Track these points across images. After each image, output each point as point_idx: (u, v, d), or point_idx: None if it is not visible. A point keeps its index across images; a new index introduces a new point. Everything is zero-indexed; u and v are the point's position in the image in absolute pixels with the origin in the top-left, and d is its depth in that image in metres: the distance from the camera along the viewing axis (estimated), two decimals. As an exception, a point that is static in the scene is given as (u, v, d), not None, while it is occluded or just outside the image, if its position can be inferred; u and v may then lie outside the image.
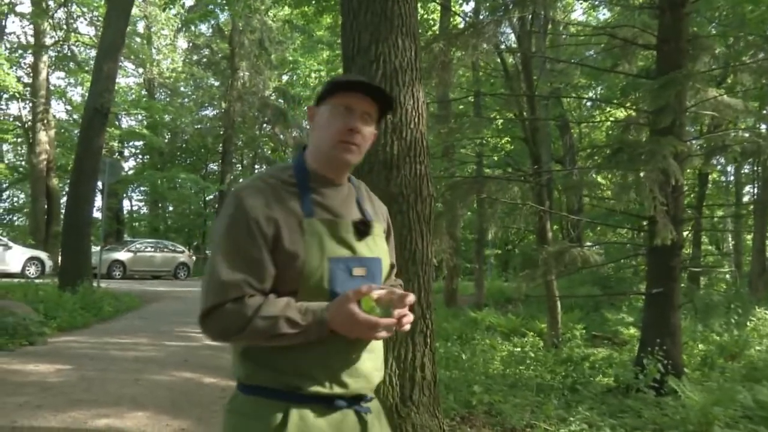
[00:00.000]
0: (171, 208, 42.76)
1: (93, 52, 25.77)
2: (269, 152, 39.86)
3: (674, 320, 7.64)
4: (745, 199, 27.77)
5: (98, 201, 18.52)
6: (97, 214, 21.47)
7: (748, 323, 12.72)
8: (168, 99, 39.09)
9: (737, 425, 6.21)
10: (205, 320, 1.74)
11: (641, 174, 6.93)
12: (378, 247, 1.95)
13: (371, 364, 1.88)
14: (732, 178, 28.95)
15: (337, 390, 1.78)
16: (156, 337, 10.48)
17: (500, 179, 9.37)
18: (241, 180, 41.16)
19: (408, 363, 4.43)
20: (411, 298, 1.75)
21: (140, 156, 42.49)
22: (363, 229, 1.88)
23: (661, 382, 7.11)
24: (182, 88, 40.23)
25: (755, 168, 23.41)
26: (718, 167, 26.25)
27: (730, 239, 30.63)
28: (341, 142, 1.84)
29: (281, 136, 36.63)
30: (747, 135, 8.74)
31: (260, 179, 1.85)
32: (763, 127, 15.57)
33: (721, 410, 6.30)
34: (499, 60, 13.01)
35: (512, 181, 9.09)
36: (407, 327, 1.78)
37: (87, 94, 18.98)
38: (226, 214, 1.78)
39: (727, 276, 22.56)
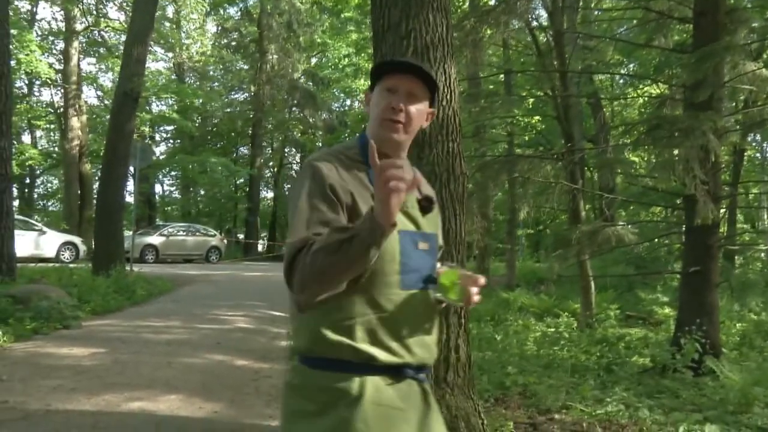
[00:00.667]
0: (202, 192, 43.06)
1: (123, 37, 25.89)
2: (299, 135, 39.88)
3: (712, 300, 7.49)
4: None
5: (130, 185, 18.68)
6: (129, 199, 21.69)
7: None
8: (198, 83, 39.21)
9: (777, 405, 6.09)
10: (289, 280, 1.72)
11: (679, 151, 6.76)
12: (435, 225, 2.05)
13: (434, 337, 2.00)
14: (768, 154, 28.42)
15: (408, 358, 1.85)
16: (188, 320, 10.57)
17: (532, 158, 9.24)
18: (271, 164, 41.33)
19: (442, 344, 4.37)
20: (483, 280, 1.87)
21: (171, 140, 42.78)
22: (426, 205, 1.87)
23: (699, 362, 6.99)
24: (211, 72, 40.27)
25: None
26: (754, 144, 25.77)
27: (765, 217, 30.04)
28: (385, 120, 1.90)
29: (311, 119, 36.57)
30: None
31: (330, 154, 1.90)
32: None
33: (761, 390, 6.17)
34: (530, 38, 12.78)
35: (544, 160, 8.96)
36: (475, 302, 1.90)
37: (117, 79, 19.10)
38: (302, 183, 1.82)
39: (763, 255, 22.12)
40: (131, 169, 17.14)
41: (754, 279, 15.15)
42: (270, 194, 43.62)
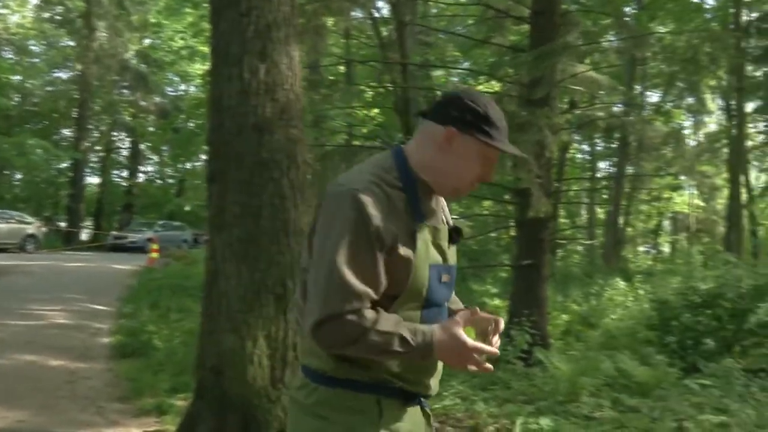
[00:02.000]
0: (19, 176, 39.81)
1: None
2: (129, 119, 37.86)
3: (542, 292, 7.74)
4: (599, 174, 29.11)
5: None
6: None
7: (603, 293, 13.27)
8: (16, 58, 36.19)
9: (601, 393, 6.36)
10: (322, 327, 1.69)
11: (516, 146, 6.87)
12: (455, 254, 1.96)
13: (442, 366, 1.93)
14: (587, 156, 30.40)
15: (422, 390, 1.87)
16: (-3, 316, 9.58)
17: (373, 148, 9.16)
18: (98, 148, 38.97)
19: (279, 342, 4.12)
20: (502, 323, 1.85)
21: (-17, 118, 39.24)
22: (456, 237, 1.89)
23: (529, 353, 7.18)
24: (32, 47, 37.34)
25: (611, 144, 24.54)
26: (575, 143, 27.43)
27: (584, 213, 32.08)
28: (468, 185, 1.85)
29: (142, 102, 34.83)
30: (616, 110, 8.96)
31: (372, 182, 1.74)
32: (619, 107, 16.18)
33: (588, 380, 6.42)
34: (372, 29, 12.75)
35: (384, 151, 8.89)
36: (495, 352, 1.79)
37: None
38: (346, 216, 1.69)
39: (579, 248, 23.61)
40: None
41: (575, 271, 16.08)
42: (96, 180, 41.16)
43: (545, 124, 6.22)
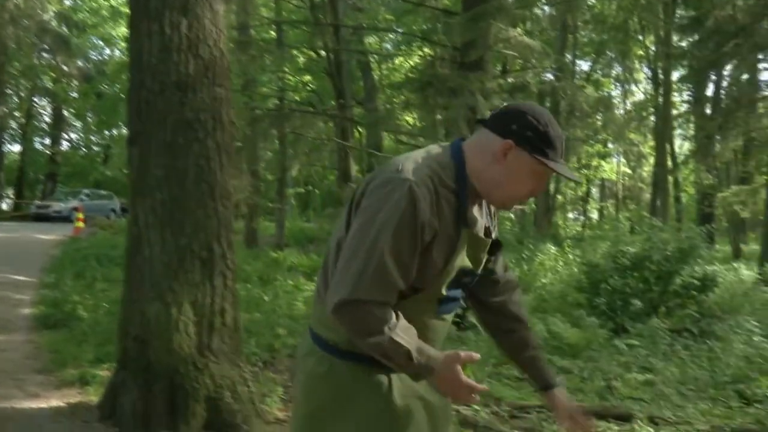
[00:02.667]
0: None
1: None
2: (50, 84, 36.37)
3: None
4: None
5: None
6: None
7: (535, 258, 13.47)
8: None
9: (533, 356, 6.41)
10: (346, 307, 1.69)
11: (448, 110, 6.83)
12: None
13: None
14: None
15: None
16: None
17: (304, 113, 8.98)
18: (17, 114, 37.40)
19: (206, 309, 3.98)
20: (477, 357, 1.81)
21: None
22: (496, 251, 1.93)
23: (462, 317, 7.17)
24: (-58, 8, 35.38)
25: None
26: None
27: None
28: (518, 200, 1.86)
29: (64, 67, 33.45)
30: (549, 77, 8.98)
31: (428, 175, 1.73)
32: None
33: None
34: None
35: (317, 116, 8.73)
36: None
37: None
38: (398, 205, 1.67)
39: (512, 214, 23.92)
40: None
41: (507, 237, 16.25)
42: (16, 148, 39.56)
43: (477, 89, 6.16)
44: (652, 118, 24.42)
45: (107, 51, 39.38)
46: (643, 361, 6.05)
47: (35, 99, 38.33)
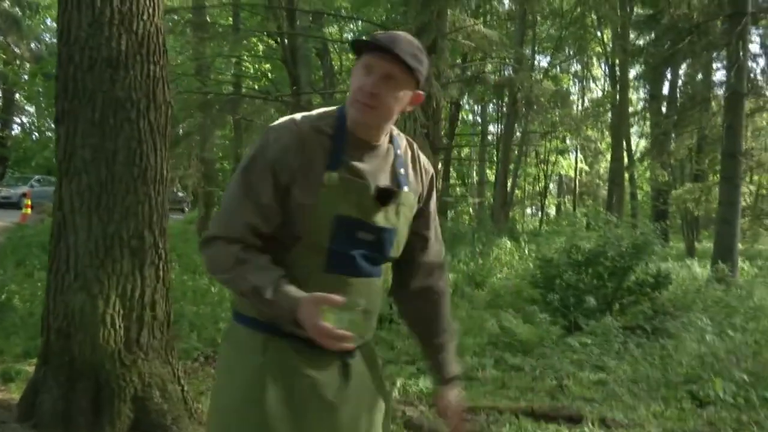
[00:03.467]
0: None
1: None
2: (1, 66, 35.30)
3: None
4: (489, 137, 29.45)
5: None
6: None
7: (491, 253, 13.39)
8: None
9: (485, 353, 6.31)
10: (204, 246, 1.76)
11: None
12: (400, 218, 1.85)
13: (363, 320, 1.77)
14: (479, 118, 30.72)
15: None
16: None
17: (256, 97, 8.70)
18: None
19: (135, 301, 3.71)
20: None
21: None
22: (384, 197, 1.78)
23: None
24: None
25: (502, 107, 24.79)
26: (466, 106, 27.61)
27: (474, 174, 32.49)
28: (355, 101, 1.75)
29: (16, 49, 32.48)
30: (509, 71, 8.84)
31: (294, 122, 1.78)
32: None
33: (471, 341, 6.35)
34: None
35: (269, 102, 8.46)
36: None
37: None
38: (253, 149, 1.77)
39: (470, 208, 23.89)
40: None
41: (464, 231, 16.16)
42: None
43: (432, 73, 5.96)
44: (609, 114, 24.58)
45: (60, 33, 38.35)
46: (596, 359, 5.96)
47: (-16, 80, 37.24)
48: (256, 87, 23.09)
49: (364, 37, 1.79)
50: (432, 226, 1.99)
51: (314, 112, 1.86)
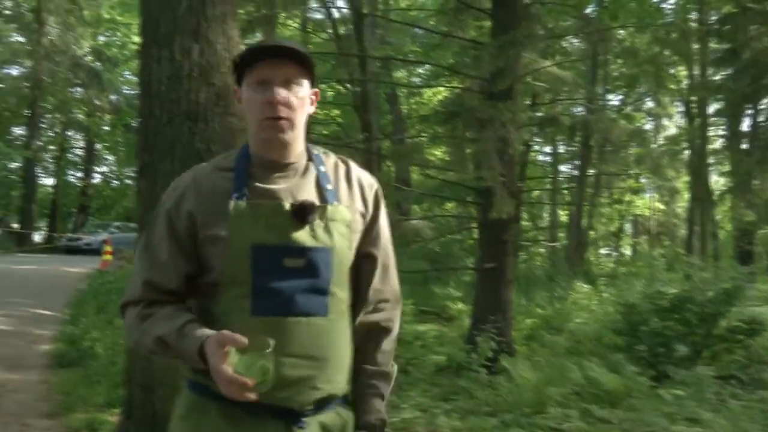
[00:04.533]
0: (-32, 176, 38.49)
1: None
2: (83, 117, 36.89)
3: (506, 296, 7.42)
4: (561, 177, 29.02)
5: None
6: None
7: (568, 296, 13.02)
8: (-36, 54, 35.01)
9: (569, 403, 6.04)
10: (122, 314, 1.71)
11: (478, 142, 6.56)
12: (333, 235, 1.65)
13: (308, 373, 1.59)
14: (548, 159, 30.37)
15: (274, 402, 1.55)
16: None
17: (329, 144, 8.75)
18: (52, 147, 37.93)
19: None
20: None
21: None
22: (302, 212, 1.61)
23: (494, 360, 6.84)
24: (-20, 44, 36.16)
25: (573, 147, 24.44)
26: (536, 146, 27.34)
27: (546, 215, 32.03)
28: (265, 120, 1.63)
29: (96, 101, 33.92)
30: (580, 110, 8.72)
31: (192, 169, 1.75)
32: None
33: (555, 390, 6.10)
34: (329, 22, 12.31)
35: (341, 149, 8.49)
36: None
37: None
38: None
39: (542, 250, 23.46)
40: None
41: (539, 274, 15.83)
42: (51, 181, 40.05)
43: (508, 119, 5.88)
44: (686, 152, 23.94)
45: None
46: (690, 411, 5.62)
47: (69, 132, 38.94)
48: (326, 132, 23.46)
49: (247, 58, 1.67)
50: (381, 245, 1.80)
51: (222, 155, 1.83)
